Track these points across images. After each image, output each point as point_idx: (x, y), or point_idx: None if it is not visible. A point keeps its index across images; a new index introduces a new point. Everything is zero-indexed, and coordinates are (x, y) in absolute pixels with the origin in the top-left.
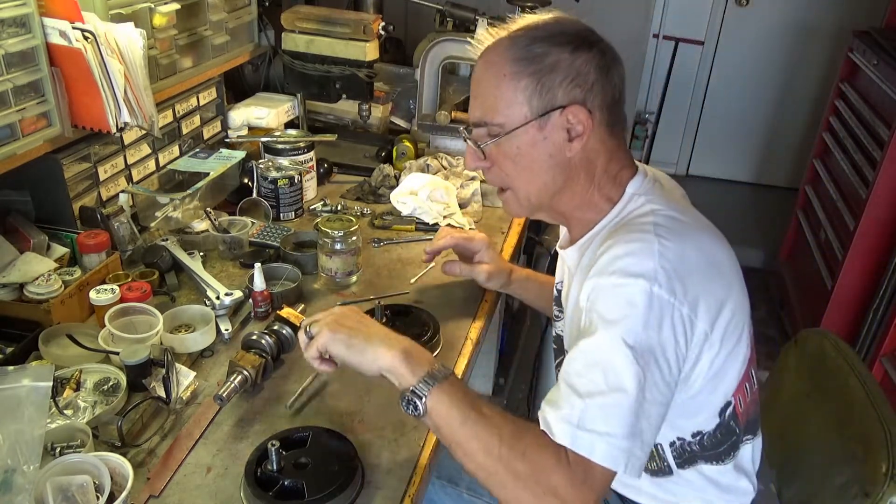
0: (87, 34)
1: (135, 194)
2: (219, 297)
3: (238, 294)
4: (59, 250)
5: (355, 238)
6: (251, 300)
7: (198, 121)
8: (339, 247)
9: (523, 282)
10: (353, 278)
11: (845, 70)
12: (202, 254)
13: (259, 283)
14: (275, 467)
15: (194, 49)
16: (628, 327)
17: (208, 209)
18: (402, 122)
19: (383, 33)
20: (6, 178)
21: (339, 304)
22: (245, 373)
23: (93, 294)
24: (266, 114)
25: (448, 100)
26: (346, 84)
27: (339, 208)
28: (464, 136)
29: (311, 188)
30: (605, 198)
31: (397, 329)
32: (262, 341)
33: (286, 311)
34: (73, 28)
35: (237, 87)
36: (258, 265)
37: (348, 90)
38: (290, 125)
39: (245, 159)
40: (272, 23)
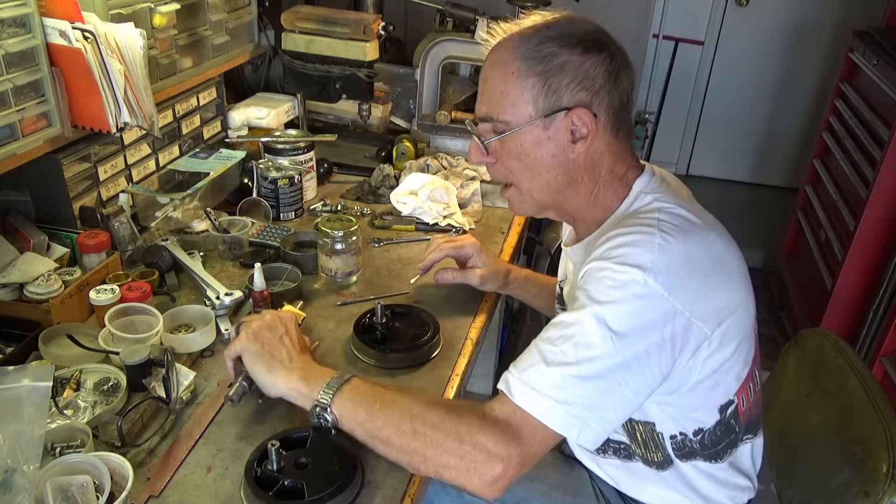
0: (87, 34)
1: (135, 194)
2: (219, 297)
3: (238, 294)
4: (59, 250)
5: (355, 238)
6: (251, 300)
7: (198, 121)
8: (339, 247)
9: (522, 282)
10: (353, 278)
11: (845, 70)
12: (202, 254)
13: (259, 283)
14: (275, 467)
15: (194, 49)
16: (613, 311)
17: (208, 209)
18: (402, 122)
19: (383, 33)
20: (6, 178)
21: (339, 304)
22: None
23: (93, 294)
24: (266, 114)
25: (448, 100)
26: (346, 84)
27: (339, 208)
28: (470, 129)
29: (311, 188)
30: (612, 196)
31: (397, 329)
32: None
33: (287, 308)
34: (73, 28)
35: (237, 87)
36: (258, 265)
37: (348, 90)
38: (290, 125)
39: (245, 159)
40: (272, 23)
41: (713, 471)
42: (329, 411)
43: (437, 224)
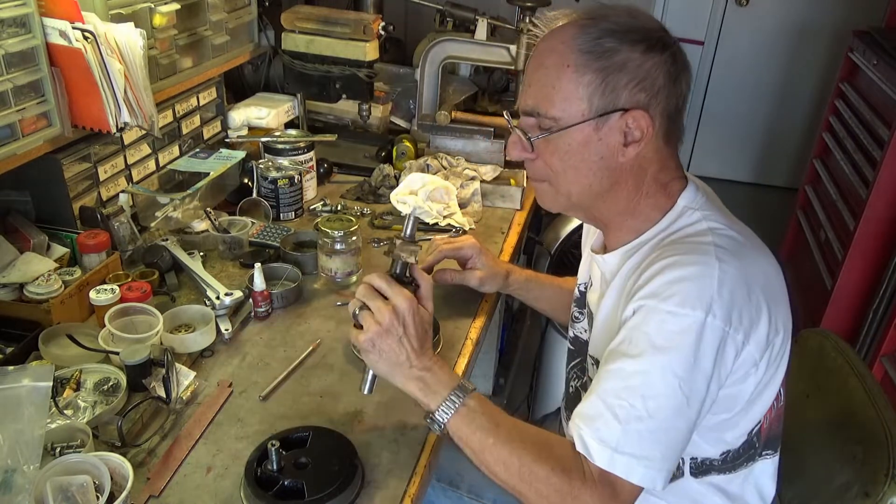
0: (87, 34)
1: (135, 194)
2: (219, 297)
3: (238, 294)
4: (59, 250)
5: (355, 238)
6: (251, 300)
7: (198, 121)
8: (339, 247)
9: (523, 284)
10: (353, 278)
11: (845, 70)
12: (202, 254)
13: (259, 283)
14: (275, 467)
15: (194, 49)
16: (678, 358)
17: (208, 209)
18: (402, 122)
19: (383, 33)
20: (6, 178)
21: (339, 304)
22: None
23: (93, 294)
24: (266, 114)
25: (448, 100)
26: (346, 84)
27: (339, 208)
28: (509, 122)
29: (311, 188)
30: (654, 206)
31: None
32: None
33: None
34: (73, 28)
35: (237, 87)
36: (258, 265)
37: (348, 90)
38: (290, 125)
39: (245, 159)
40: (272, 23)
41: (725, 484)
42: (443, 427)
43: (437, 224)
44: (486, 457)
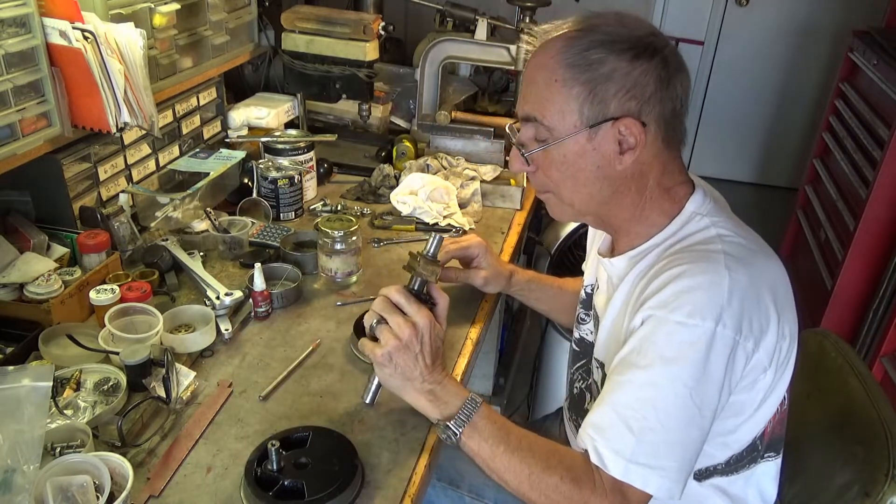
0: (87, 34)
1: (135, 194)
2: (219, 297)
3: (238, 294)
4: (59, 250)
5: (355, 238)
6: (251, 300)
7: (198, 121)
8: (339, 247)
9: (525, 285)
10: (353, 278)
11: (845, 70)
12: (202, 254)
13: (259, 283)
14: (275, 467)
15: (194, 49)
16: (689, 369)
17: (208, 209)
18: (402, 122)
19: (383, 33)
20: (6, 178)
21: (339, 304)
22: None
23: (93, 294)
24: (266, 114)
25: (448, 100)
26: (346, 84)
27: (339, 208)
28: (511, 139)
29: (311, 188)
30: (660, 211)
31: None
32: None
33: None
34: (73, 28)
35: (237, 87)
36: (258, 265)
37: (348, 90)
38: (290, 125)
39: (245, 159)
40: (272, 23)
41: (727, 485)
42: (456, 438)
43: (437, 224)
44: (497, 465)
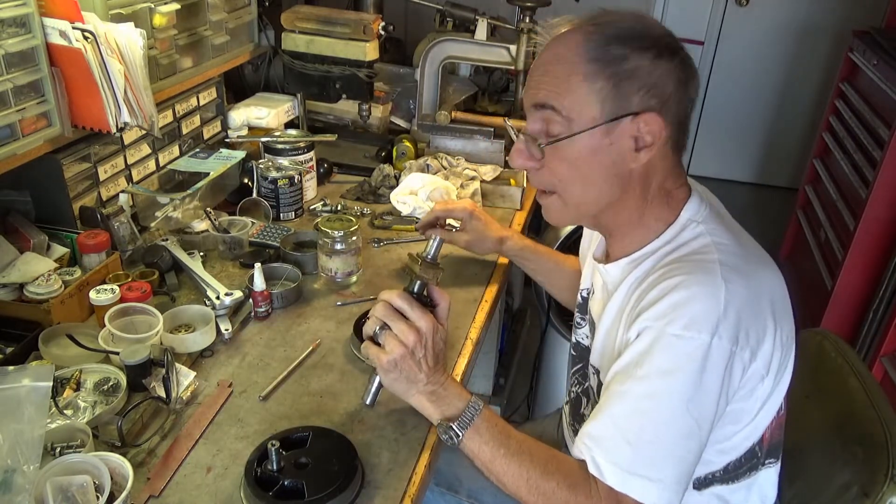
0: (87, 34)
1: (135, 194)
2: (219, 297)
3: (238, 294)
4: (59, 250)
5: (355, 238)
6: (251, 300)
7: (198, 121)
8: (339, 247)
9: (518, 252)
10: (353, 278)
11: (845, 70)
12: (202, 254)
13: (259, 283)
14: (275, 467)
15: (194, 49)
16: (685, 381)
17: (208, 209)
18: (402, 122)
19: (383, 33)
20: (6, 178)
21: (339, 304)
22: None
23: (93, 294)
24: (266, 114)
25: (448, 100)
26: (346, 84)
27: (339, 208)
28: (513, 135)
29: (311, 188)
30: (657, 217)
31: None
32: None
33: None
34: (73, 28)
35: (237, 87)
36: (258, 265)
37: (348, 90)
38: (290, 125)
39: (245, 159)
40: (272, 23)
41: (728, 494)
42: (460, 439)
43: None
44: (496, 468)
